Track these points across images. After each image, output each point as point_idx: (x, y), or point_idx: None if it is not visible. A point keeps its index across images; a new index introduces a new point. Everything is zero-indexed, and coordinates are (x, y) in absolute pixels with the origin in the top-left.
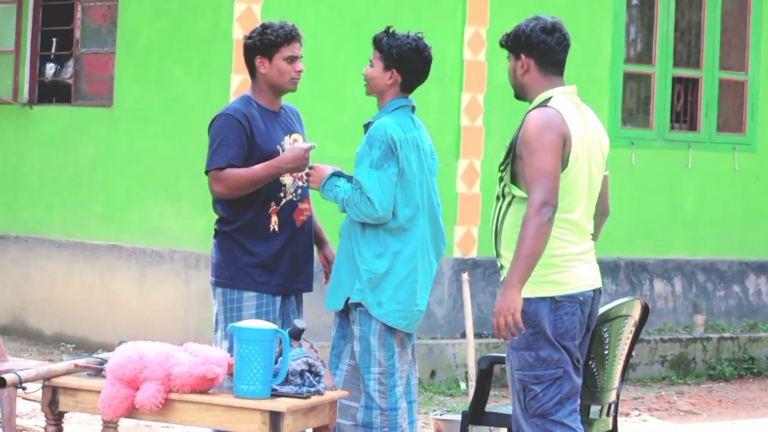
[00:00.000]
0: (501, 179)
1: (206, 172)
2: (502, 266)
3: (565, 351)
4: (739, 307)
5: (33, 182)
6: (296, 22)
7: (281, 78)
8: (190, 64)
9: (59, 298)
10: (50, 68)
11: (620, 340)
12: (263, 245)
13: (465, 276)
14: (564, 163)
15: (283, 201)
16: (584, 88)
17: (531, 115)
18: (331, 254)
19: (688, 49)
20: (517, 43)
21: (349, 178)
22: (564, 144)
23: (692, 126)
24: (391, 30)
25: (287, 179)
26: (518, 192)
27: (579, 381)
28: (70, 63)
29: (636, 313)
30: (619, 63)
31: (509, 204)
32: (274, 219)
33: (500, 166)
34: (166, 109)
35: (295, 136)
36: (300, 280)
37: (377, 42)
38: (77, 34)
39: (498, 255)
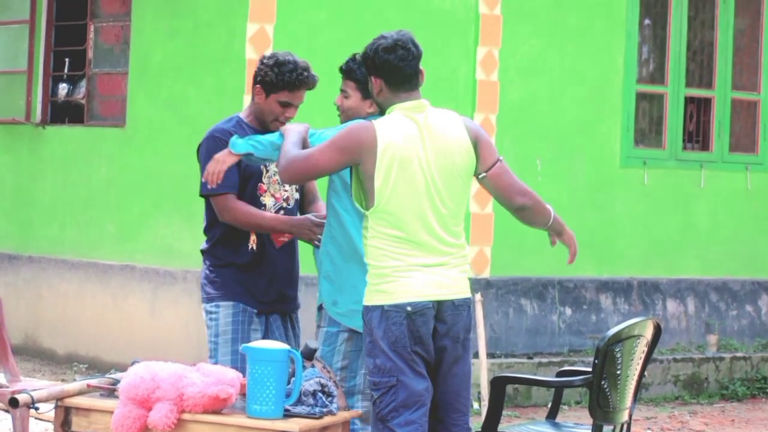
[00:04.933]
0: None
1: (201, 195)
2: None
3: (401, 360)
4: (751, 326)
5: (46, 202)
6: (309, 43)
7: (267, 116)
8: (203, 85)
9: (72, 318)
10: (63, 88)
11: (633, 359)
12: (239, 262)
13: (478, 296)
14: (368, 174)
15: None
16: (597, 107)
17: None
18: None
19: (700, 69)
20: (366, 66)
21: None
22: (354, 154)
23: (705, 146)
24: None
25: (268, 200)
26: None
27: (419, 388)
28: (83, 83)
29: (648, 332)
30: (631, 83)
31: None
32: (252, 238)
33: None
34: (179, 130)
35: None
36: (280, 301)
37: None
38: (90, 54)
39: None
